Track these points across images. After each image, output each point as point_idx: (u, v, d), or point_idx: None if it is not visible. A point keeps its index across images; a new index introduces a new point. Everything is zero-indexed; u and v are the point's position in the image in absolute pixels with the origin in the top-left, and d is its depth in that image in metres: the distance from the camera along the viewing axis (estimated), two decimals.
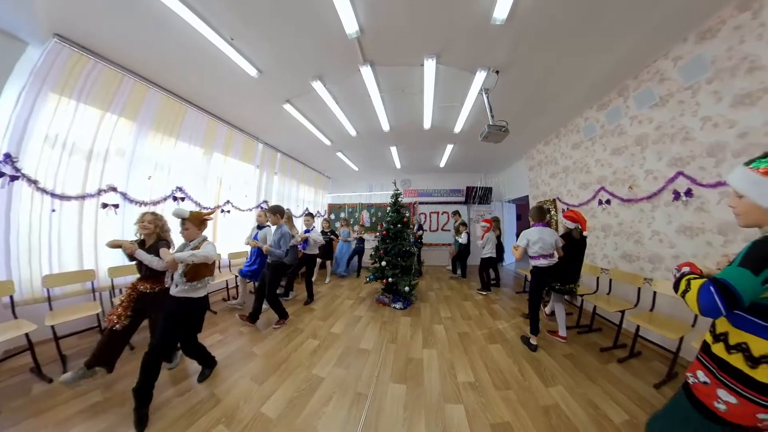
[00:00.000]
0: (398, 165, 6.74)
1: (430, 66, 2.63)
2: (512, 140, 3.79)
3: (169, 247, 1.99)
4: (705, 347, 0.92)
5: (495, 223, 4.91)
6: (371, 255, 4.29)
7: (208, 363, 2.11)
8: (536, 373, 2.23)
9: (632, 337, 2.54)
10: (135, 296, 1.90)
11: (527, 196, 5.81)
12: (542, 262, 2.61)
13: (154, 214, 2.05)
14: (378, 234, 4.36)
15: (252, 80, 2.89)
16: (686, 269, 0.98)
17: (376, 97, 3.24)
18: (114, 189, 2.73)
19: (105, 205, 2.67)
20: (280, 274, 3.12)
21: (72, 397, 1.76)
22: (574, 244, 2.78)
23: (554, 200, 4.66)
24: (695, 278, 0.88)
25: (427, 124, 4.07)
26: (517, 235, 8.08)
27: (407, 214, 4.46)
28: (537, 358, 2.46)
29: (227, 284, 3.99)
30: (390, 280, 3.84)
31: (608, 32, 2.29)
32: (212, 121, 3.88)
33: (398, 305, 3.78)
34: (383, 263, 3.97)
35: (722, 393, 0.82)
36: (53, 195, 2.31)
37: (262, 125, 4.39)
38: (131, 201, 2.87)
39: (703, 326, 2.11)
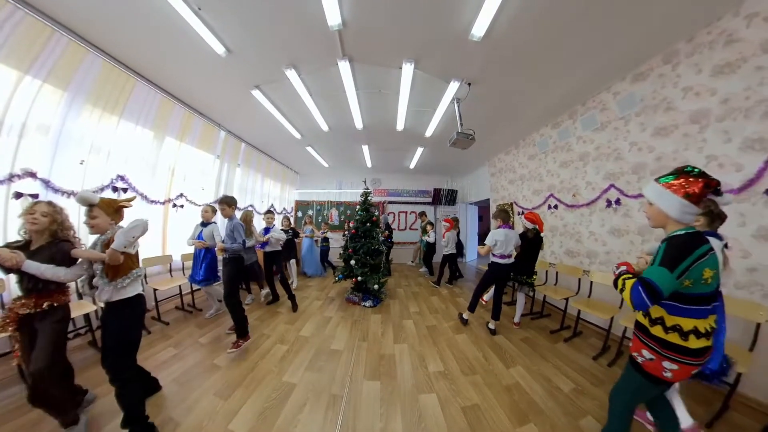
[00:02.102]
0: (369, 164, 6.75)
1: (408, 70, 2.71)
2: (477, 148, 4.10)
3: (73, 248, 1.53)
4: (643, 329, 1.11)
5: (455, 223, 5.34)
6: (339, 254, 4.23)
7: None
8: (498, 357, 2.46)
9: (575, 320, 3.00)
10: (17, 324, 1.38)
11: (488, 199, 6.35)
12: (501, 261, 2.89)
13: (51, 204, 1.52)
14: (347, 232, 4.32)
15: (218, 59, 2.59)
16: (623, 268, 1.19)
17: (351, 93, 3.21)
18: (32, 174, 2.14)
19: (19, 195, 2.08)
20: (239, 269, 2.72)
21: None
22: (529, 243, 3.10)
23: (512, 204, 5.20)
24: (629, 278, 1.08)
25: (400, 125, 4.16)
26: (479, 235, 8.65)
27: (376, 213, 4.48)
28: (498, 344, 2.71)
29: (181, 290, 3.51)
30: (359, 278, 3.82)
31: (567, 64, 2.69)
32: (167, 101, 3.33)
33: (368, 303, 3.79)
34: (352, 262, 3.94)
35: (667, 364, 1.04)
36: None
37: (226, 111, 3.95)
38: (56, 190, 2.28)
39: (627, 308, 2.55)
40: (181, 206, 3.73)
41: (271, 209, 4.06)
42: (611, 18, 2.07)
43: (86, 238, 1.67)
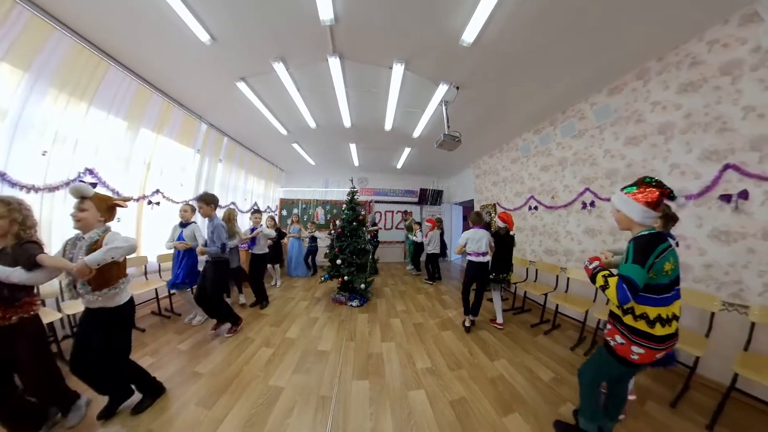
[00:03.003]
0: (356, 162, 6.68)
1: (398, 70, 2.71)
2: (463, 150, 4.22)
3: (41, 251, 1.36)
4: (617, 318, 1.28)
5: (438, 223, 5.50)
6: (325, 254, 4.18)
7: (149, 390, 1.71)
8: (483, 351, 2.56)
9: (553, 314, 3.20)
10: None
11: (473, 200, 6.53)
12: (475, 259, 3.02)
13: (6, 202, 1.31)
14: (332, 232, 4.28)
15: (202, 47, 2.44)
16: (596, 263, 1.33)
17: (340, 91, 3.17)
18: None
19: None
20: (224, 274, 2.70)
21: None
22: (501, 240, 3.25)
23: (494, 205, 5.39)
24: (607, 274, 1.22)
25: (388, 125, 4.17)
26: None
27: (363, 213, 4.47)
28: (482, 338, 2.82)
29: (157, 293, 3.25)
30: (346, 278, 3.80)
31: (550, 75, 2.84)
32: (143, 89, 3.05)
33: (355, 303, 3.77)
34: (339, 261, 3.91)
35: (635, 348, 1.20)
36: None
37: (208, 103, 3.71)
38: (13, 184, 2.03)
39: (600, 302, 2.80)
40: (157, 203, 3.45)
41: (257, 208, 3.86)
42: (592, 36, 2.22)
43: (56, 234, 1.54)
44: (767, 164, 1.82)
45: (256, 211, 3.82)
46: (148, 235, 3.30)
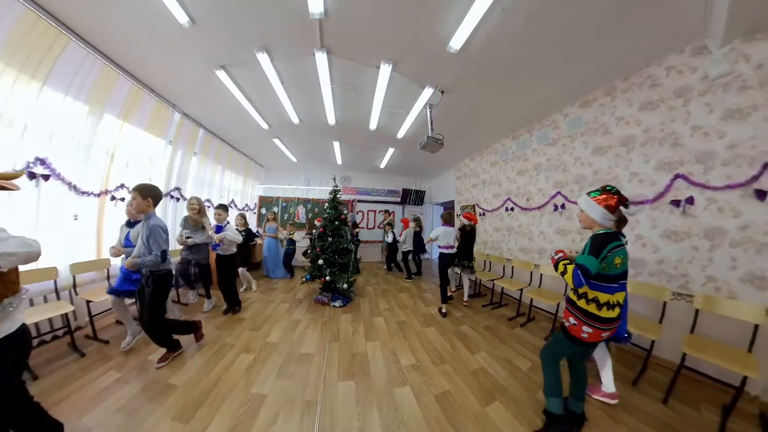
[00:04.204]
0: (339, 161, 6.59)
1: (385, 70, 2.72)
2: (445, 152, 4.32)
3: None
4: (572, 302, 1.52)
5: (415, 222, 5.75)
6: (304, 252, 4.09)
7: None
8: (464, 345, 2.67)
9: (528, 307, 3.42)
10: None
11: (453, 200, 6.74)
12: (446, 251, 3.63)
13: None
14: (314, 231, 4.19)
15: (180, 29, 2.23)
16: (561, 254, 1.59)
17: (326, 87, 3.10)
18: None
19: None
20: (165, 289, 2.16)
21: None
22: (466, 235, 3.89)
23: (474, 205, 5.61)
24: (567, 263, 1.48)
25: (373, 125, 4.16)
26: None
27: (345, 212, 4.42)
28: (464, 333, 2.94)
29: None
30: (328, 278, 3.74)
31: (528, 86, 3.04)
32: (109, 70, 2.71)
33: (338, 303, 3.73)
34: (320, 261, 3.84)
35: (585, 328, 1.44)
36: None
37: (183, 90, 3.40)
38: None
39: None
40: (122, 199, 3.09)
41: (229, 205, 3.43)
42: (567, 53, 2.42)
43: None
44: (710, 175, 2.11)
45: (220, 207, 3.29)
46: (111, 235, 2.90)
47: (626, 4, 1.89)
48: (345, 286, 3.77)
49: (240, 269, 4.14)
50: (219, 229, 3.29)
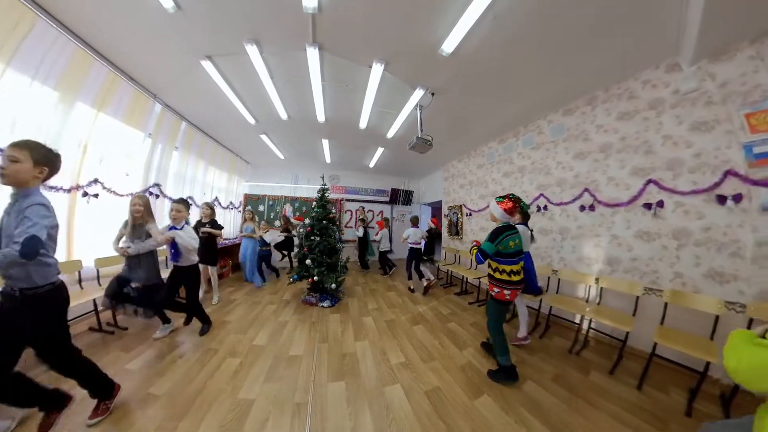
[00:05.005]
0: (328, 159, 6.48)
1: (377, 70, 2.71)
2: (434, 153, 4.39)
3: None
4: (492, 277, 2.12)
5: (386, 222, 6.12)
6: (294, 253, 4.01)
7: None
8: (452, 342, 2.73)
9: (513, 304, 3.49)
10: None
11: (441, 201, 6.85)
12: (414, 246, 4.59)
13: None
14: (301, 230, 4.11)
15: (164, 14, 2.09)
16: (474, 243, 2.15)
17: (317, 83, 3.04)
18: None
19: None
20: (61, 312, 1.45)
21: None
22: (431, 236, 4.82)
23: (461, 206, 5.73)
24: (474, 247, 2.10)
25: (363, 124, 4.13)
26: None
27: (333, 211, 4.37)
28: (451, 330, 3.01)
29: (96, 305, 2.64)
30: (316, 278, 3.70)
31: (516, 92, 3.15)
32: (83, 54, 2.49)
33: (326, 303, 3.70)
34: (308, 261, 3.78)
35: (506, 291, 2.06)
36: None
37: (165, 80, 3.20)
38: None
39: (552, 292, 3.18)
40: (95, 196, 2.84)
41: (183, 198, 2.72)
42: (553, 63, 2.55)
43: None
44: (678, 181, 2.30)
45: (179, 201, 2.63)
46: (83, 235, 2.72)
47: (607, 22, 2.03)
48: (333, 286, 3.74)
49: (210, 268, 3.64)
50: (173, 230, 2.46)
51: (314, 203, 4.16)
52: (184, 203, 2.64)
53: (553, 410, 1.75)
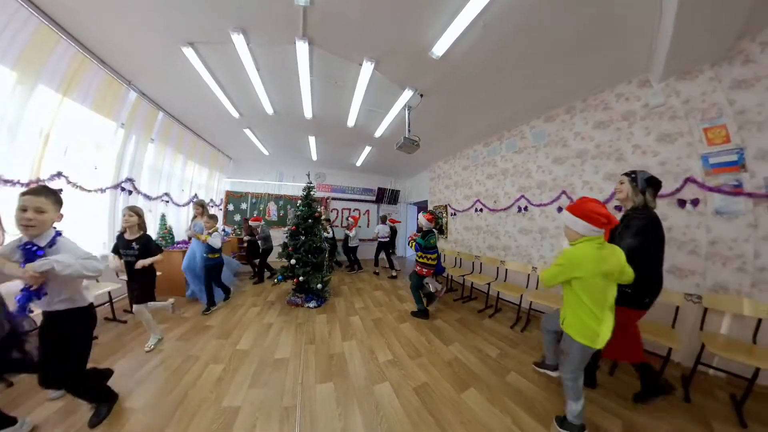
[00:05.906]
0: (315, 157, 6.34)
1: (367, 68, 2.69)
2: (421, 154, 4.47)
3: None
4: (419, 261, 3.26)
5: (358, 220, 6.56)
6: (279, 253, 3.90)
7: None
8: (438, 338, 2.80)
9: (495, 300, 3.74)
10: None
11: (427, 200, 6.97)
12: (382, 239, 5.90)
13: None
14: (283, 230, 3.99)
15: None
16: (410, 238, 3.30)
17: (305, 78, 2.96)
18: None
19: None
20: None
21: None
22: (393, 232, 6.41)
23: (446, 206, 5.87)
24: (413, 241, 3.26)
25: (351, 122, 4.09)
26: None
27: (319, 209, 4.30)
28: (437, 327, 3.09)
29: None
30: (301, 279, 3.64)
31: (502, 98, 3.29)
32: (47, 30, 2.23)
33: (312, 304, 3.65)
34: (293, 261, 3.71)
35: (424, 270, 3.24)
36: None
37: (142, 65, 2.93)
38: None
39: (532, 287, 3.35)
40: (60, 190, 2.53)
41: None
42: (537, 73, 2.69)
43: None
44: None
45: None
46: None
47: (588, 40, 2.19)
48: (319, 286, 3.69)
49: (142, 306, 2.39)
50: (32, 254, 1.33)
51: (299, 201, 4.07)
52: (54, 197, 1.50)
53: (536, 398, 1.86)
